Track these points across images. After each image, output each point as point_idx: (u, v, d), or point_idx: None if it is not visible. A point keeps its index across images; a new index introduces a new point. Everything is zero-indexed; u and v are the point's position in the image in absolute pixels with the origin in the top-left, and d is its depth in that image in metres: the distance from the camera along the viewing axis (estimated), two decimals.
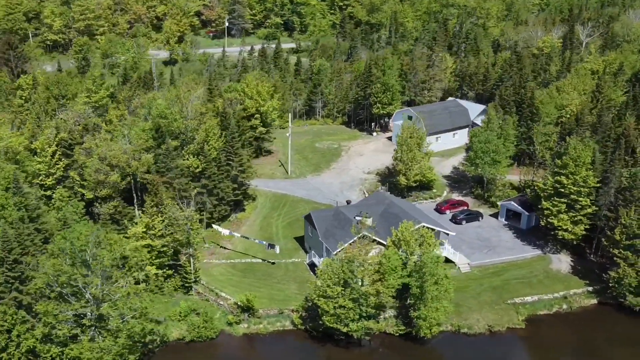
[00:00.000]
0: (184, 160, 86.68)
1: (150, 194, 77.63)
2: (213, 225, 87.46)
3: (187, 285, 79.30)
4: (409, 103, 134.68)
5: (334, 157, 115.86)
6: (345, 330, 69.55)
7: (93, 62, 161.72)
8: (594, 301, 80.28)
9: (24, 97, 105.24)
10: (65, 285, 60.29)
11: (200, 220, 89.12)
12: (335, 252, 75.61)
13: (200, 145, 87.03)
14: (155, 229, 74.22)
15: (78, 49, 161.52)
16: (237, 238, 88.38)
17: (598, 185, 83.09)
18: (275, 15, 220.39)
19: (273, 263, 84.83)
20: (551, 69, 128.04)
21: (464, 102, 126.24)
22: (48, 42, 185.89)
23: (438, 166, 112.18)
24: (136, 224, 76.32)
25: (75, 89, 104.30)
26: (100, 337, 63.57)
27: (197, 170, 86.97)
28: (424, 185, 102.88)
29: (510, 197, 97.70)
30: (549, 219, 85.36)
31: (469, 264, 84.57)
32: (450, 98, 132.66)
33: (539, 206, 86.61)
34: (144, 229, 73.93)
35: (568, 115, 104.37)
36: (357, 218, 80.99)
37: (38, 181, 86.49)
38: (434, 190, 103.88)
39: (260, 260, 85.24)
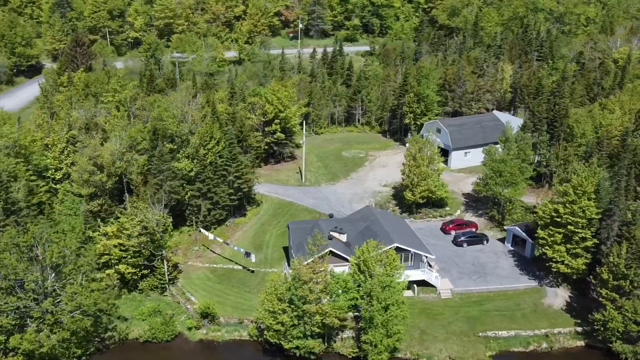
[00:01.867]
0: (178, 163, 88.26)
1: (133, 195, 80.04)
2: (201, 229, 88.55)
3: (161, 286, 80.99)
4: (453, 114, 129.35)
5: (355, 166, 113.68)
6: (287, 347, 68.28)
7: (164, 60, 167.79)
8: (581, 343, 73.68)
9: (64, 94, 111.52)
10: (8, 278, 63.48)
11: (196, 224, 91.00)
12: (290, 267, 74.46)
13: (195, 148, 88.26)
14: (129, 229, 76.29)
15: (147, 47, 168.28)
16: (227, 244, 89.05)
17: (598, 217, 75.96)
18: (356, 16, 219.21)
19: (252, 271, 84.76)
20: (605, 83, 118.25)
21: (505, 116, 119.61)
22: (130, 40, 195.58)
23: (462, 183, 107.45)
24: (112, 223, 78.84)
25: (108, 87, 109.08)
26: (47, 329, 66.40)
27: (191, 173, 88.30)
28: (436, 203, 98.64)
29: (524, 221, 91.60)
30: (544, 249, 79.34)
31: (451, 289, 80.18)
32: (494, 111, 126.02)
33: (535, 234, 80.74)
34: (118, 229, 76.22)
35: (604, 137, 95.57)
36: (332, 233, 79.45)
37: (48, 174, 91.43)
38: (447, 209, 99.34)
39: (241, 268, 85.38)
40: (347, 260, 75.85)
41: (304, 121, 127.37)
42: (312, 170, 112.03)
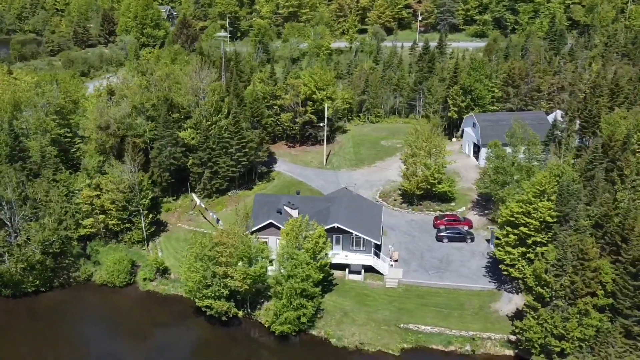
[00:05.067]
0: (184, 132, 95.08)
1: (126, 154, 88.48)
2: (193, 194, 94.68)
3: (141, 240, 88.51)
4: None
5: (385, 155, 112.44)
6: (200, 304, 71.86)
7: (272, 47, 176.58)
8: (509, 352, 68.28)
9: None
10: None
11: (193, 189, 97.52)
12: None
13: (198, 119, 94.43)
14: (105, 185, 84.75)
15: (256, 32, 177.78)
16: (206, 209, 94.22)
17: (553, 220, 69.44)
18: (490, 11, 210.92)
19: None
20: None
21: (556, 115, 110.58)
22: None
23: None
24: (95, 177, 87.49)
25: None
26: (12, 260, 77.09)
27: (192, 142, 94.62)
28: (442, 197, 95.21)
29: None
30: (497, 250, 74.25)
31: (399, 280, 77.99)
32: (557, 111, 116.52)
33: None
34: (96, 182, 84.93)
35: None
36: (286, 208, 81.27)
37: (82, 133, 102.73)
38: (452, 204, 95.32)
39: None
40: None
41: (359, 109, 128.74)
42: (341, 155, 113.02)
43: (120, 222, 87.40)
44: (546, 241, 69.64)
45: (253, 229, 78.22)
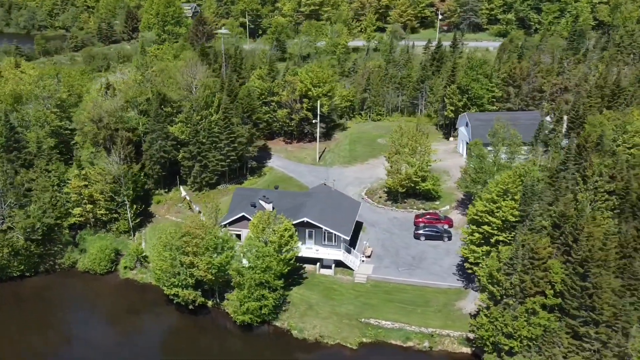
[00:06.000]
0: (174, 127, 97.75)
1: (113, 147, 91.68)
2: (181, 187, 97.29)
3: (128, 230, 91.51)
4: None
5: (380, 153, 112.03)
6: (167, 292, 74.23)
7: (289, 44, 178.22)
8: (466, 350, 68.73)
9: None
10: None
11: (184, 183, 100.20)
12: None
13: (188, 114, 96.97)
14: (92, 175, 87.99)
15: (273, 29, 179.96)
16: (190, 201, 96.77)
17: (514, 220, 69.53)
18: (514, 10, 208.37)
19: None
20: None
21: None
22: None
23: None
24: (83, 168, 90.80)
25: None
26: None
27: (182, 136, 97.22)
28: (428, 195, 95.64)
29: None
30: (462, 247, 74.66)
31: (368, 275, 78.95)
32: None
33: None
34: (83, 173, 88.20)
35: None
36: (260, 201, 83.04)
37: (75, 125, 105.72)
38: (437, 203, 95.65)
39: None
40: None
41: (361, 106, 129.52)
42: (336, 152, 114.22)
43: (107, 212, 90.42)
44: (509, 240, 69.79)
45: (226, 222, 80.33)
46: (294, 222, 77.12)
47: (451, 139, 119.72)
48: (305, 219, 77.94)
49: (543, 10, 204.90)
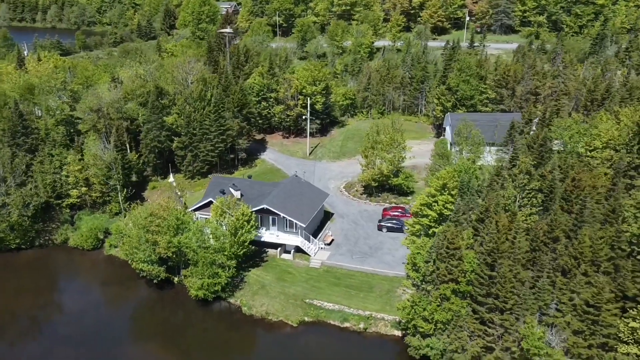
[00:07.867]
0: (170, 117, 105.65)
1: (111, 134, 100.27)
2: (171, 175, 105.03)
3: (120, 212, 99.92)
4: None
5: None
6: (134, 267, 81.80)
7: (314, 42, 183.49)
8: (397, 333, 73.26)
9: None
10: None
11: (177, 171, 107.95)
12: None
13: (181, 106, 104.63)
14: (87, 160, 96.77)
15: (299, 28, 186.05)
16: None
17: (448, 213, 73.76)
18: (547, 12, 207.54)
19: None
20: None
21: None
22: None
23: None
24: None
25: None
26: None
27: (175, 126, 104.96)
28: (402, 191, 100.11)
29: None
30: (405, 238, 79.09)
31: (322, 261, 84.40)
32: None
33: None
34: (76, 158, 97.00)
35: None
36: (230, 188, 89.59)
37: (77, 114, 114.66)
38: (409, 197, 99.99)
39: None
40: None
41: (362, 105, 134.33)
42: (328, 147, 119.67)
43: (101, 195, 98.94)
44: None
45: (196, 206, 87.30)
46: (255, 209, 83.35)
47: (442, 137, 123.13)
48: (265, 206, 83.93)
49: (576, 12, 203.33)
